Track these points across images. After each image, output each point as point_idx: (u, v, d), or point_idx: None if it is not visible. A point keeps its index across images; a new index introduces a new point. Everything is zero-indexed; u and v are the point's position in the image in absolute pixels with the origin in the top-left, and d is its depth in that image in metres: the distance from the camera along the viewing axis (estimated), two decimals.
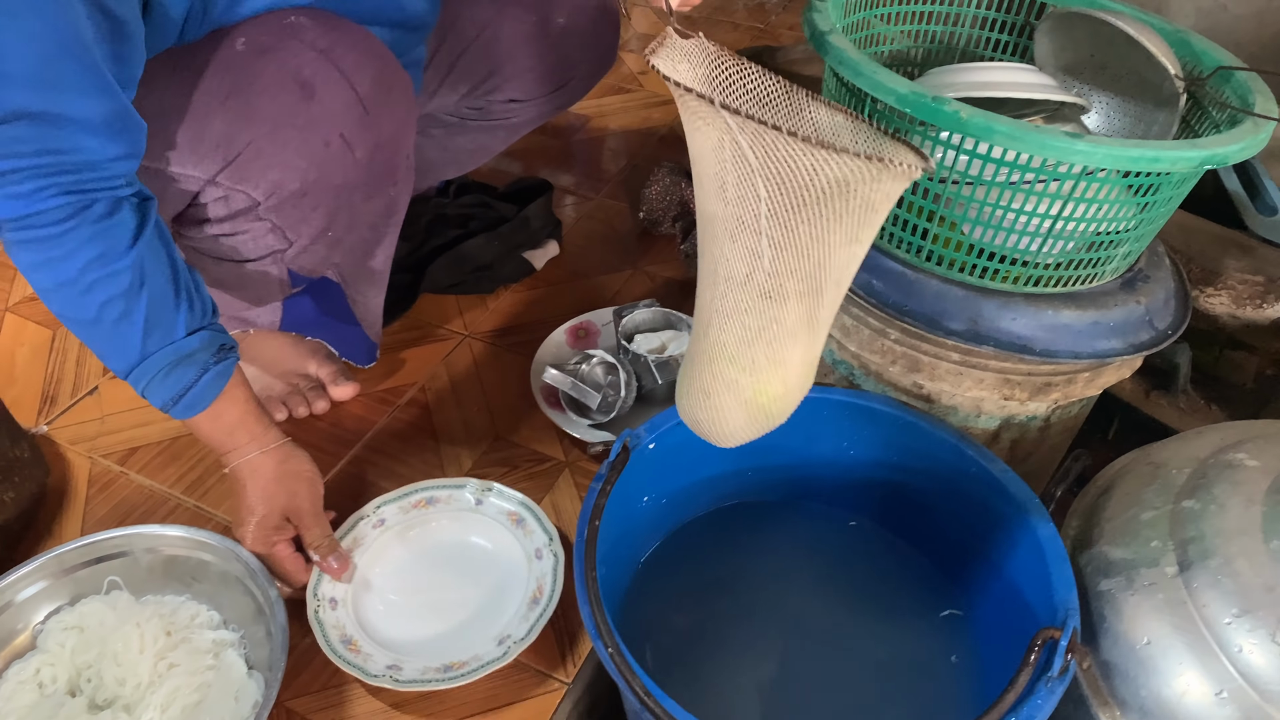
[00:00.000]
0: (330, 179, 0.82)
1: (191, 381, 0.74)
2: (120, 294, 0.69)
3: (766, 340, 0.55)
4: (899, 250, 0.76)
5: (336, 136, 0.80)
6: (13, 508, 0.85)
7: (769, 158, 0.46)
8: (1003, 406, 0.80)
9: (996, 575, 0.72)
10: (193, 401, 0.75)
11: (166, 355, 0.72)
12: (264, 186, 0.80)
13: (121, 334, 0.71)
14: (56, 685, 0.73)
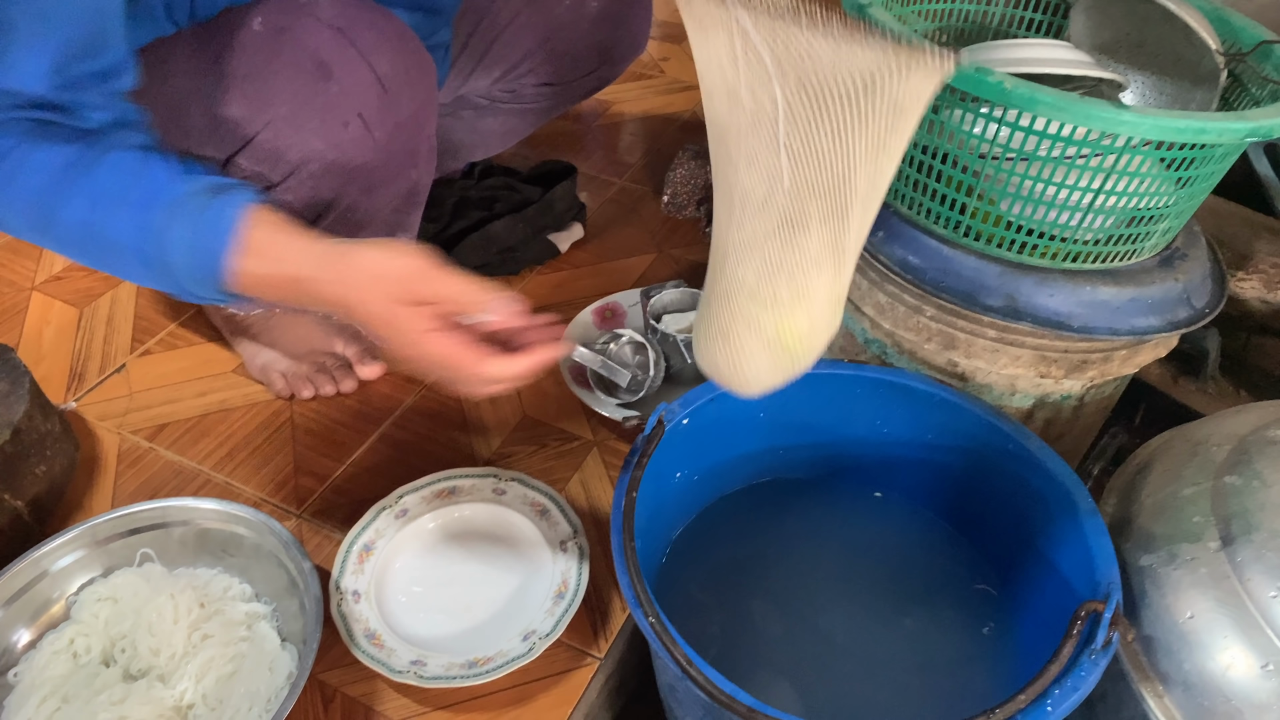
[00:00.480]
0: (349, 160, 0.81)
1: (194, 222, 0.60)
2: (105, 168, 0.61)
3: (789, 271, 0.51)
4: (936, 226, 0.75)
5: (355, 117, 0.79)
6: (44, 481, 0.85)
7: (786, 55, 0.42)
8: (1037, 385, 0.79)
9: (1032, 551, 0.72)
10: (213, 243, 0.60)
11: (160, 209, 0.61)
12: (282, 168, 0.80)
13: (113, 215, 0.61)
14: (90, 655, 0.74)
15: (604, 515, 0.89)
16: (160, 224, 0.61)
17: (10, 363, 0.89)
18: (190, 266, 0.62)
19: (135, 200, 0.62)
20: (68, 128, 0.62)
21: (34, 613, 0.76)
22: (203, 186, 0.62)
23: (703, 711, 0.63)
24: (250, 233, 0.61)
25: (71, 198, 0.61)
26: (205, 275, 0.62)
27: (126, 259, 0.63)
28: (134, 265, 0.63)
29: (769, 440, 0.81)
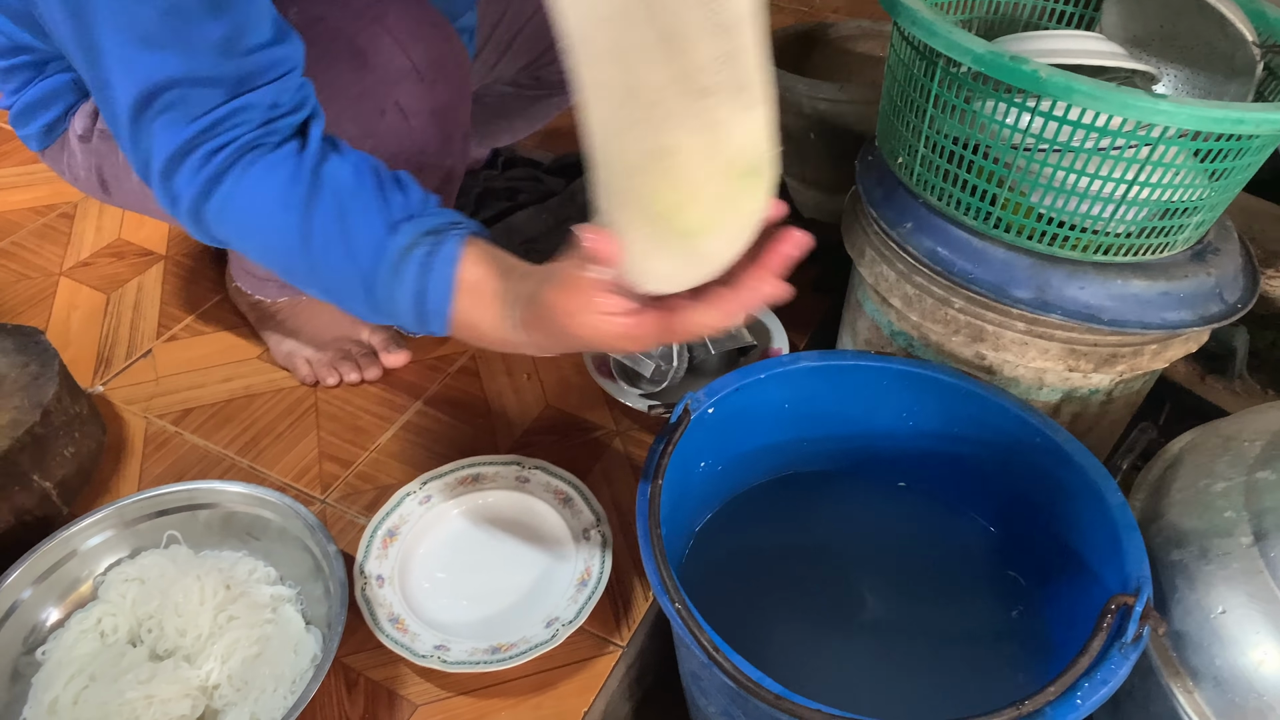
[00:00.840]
0: (386, 149, 0.81)
1: (417, 281, 0.61)
2: (307, 233, 0.62)
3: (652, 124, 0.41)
4: (966, 217, 0.75)
5: (392, 105, 0.79)
6: (72, 463, 0.86)
7: None
8: (1065, 379, 0.79)
9: (1059, 545, 0.71)
10: (436, 303, 0.61)
11: (385, 265, 0.62)
12: None
13: (336, 263, 0.63)
14: (118, 635, 0.74)
15: (626, 505, 0.89)
16: (384, 283, 0.62)
17: (40, 345, 0.90)
18: (415, 321, 0.63)
19: (357, 252, 0.62)
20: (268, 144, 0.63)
21: (63, 592, 0.76)
22: (419, 234, 0.62)
23: (727, 700, 0.63)
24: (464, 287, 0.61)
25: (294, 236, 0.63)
26: (428, 327, 0.63)
27: (353, 305, 0.65)
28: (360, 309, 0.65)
29: (794, 432, 0.81)
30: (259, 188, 0.63)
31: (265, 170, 0.62)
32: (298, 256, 0.64)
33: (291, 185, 0.62)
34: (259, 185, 0.63)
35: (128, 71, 0.59)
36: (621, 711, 0.82)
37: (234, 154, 0.62)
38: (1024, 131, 0.68)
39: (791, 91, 1.05)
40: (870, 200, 0.83)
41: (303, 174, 0.62)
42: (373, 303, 0.63)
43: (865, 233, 0.84)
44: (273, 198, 0.62)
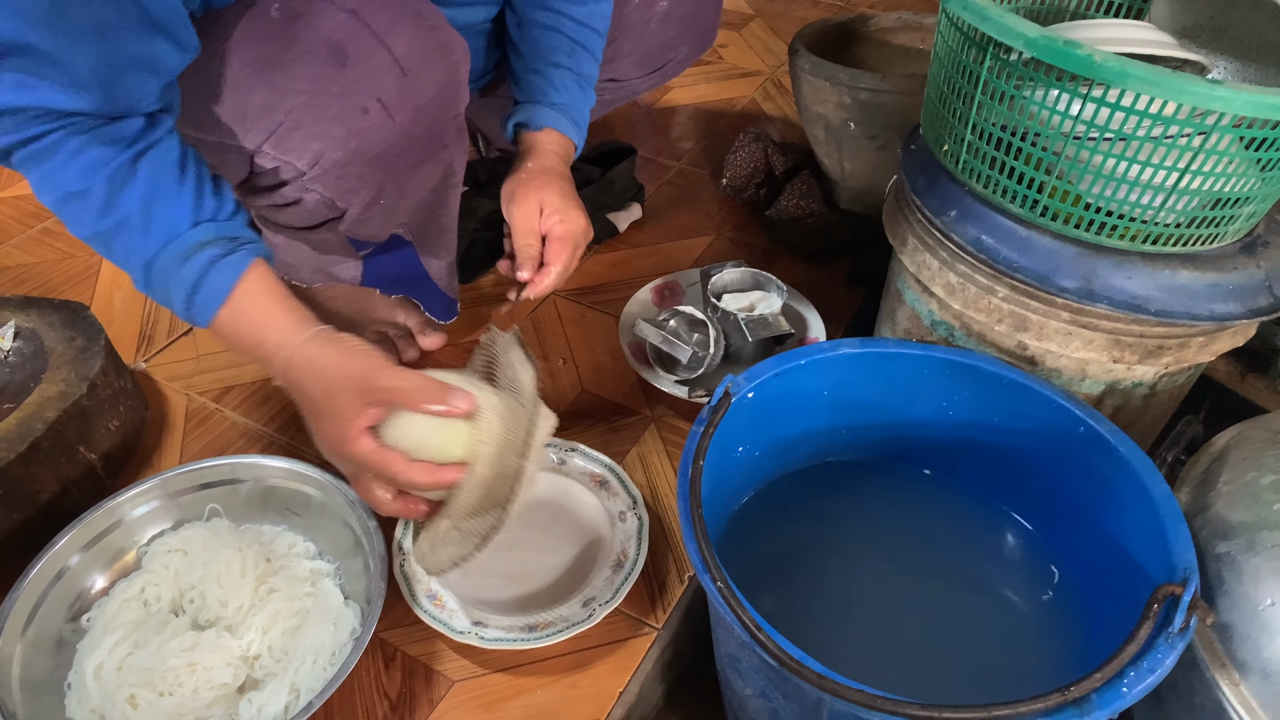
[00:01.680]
0: (371, 147, 0.79)
1: (200, 273, 0.68)
2: (107, 205, 0.66)
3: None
4: (1012, 205, 0.74)
5: (374, 102, 0.77)
6: (117, 436, 0.87)
7: None
8: (1109, 371, 0.78)
9: (1099, 535, 0.71)
10: (208, 296, 0.68)
11: (174, 249, 0.68)
12: (307, 157, 0.79)
13: (124, 242, 0.68)
14: (160, 604, 0.75)
15: (661, 490, 0.89)
16: (164, 267, 0.68)
17: (86, 320, 0.91)
18: (182, 310, 0.70)
19: (153, 232, 0.68)
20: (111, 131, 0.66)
21: (108, 560, 0.78)
22: (218, 236, 0.69)
23: (765, 681, 0.63)
24: (239, 294, 0.69)
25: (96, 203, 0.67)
26: (194, 320, 0.70)
27: (131, 273, 0.71)
28: (137, 283, 0.71)
29: (832, 419, 0.81)
30: (73, 161, 0.65)
31: (84, 147, 0.65)
32: (91, 221, 0.68)
33: (103, 164, 0.66)
34: (73, 159, 0.65)
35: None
36: (654, 695, 0.82)
37: (62, 138, 0.65)
38: (1075, 118, 0.67)
39: (833, 81, 1.05)
40: (914, 188, 0.82)
41: (120, 158, 0.67)
42: (147, 281, 0.69)
43: (908, 221, 0.84)
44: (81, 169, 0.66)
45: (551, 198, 0.89)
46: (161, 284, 0.69)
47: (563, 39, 0.96)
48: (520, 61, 0.97)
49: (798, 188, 1.17)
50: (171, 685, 0.68)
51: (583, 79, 0.99)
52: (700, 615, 0.85)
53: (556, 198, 0.90)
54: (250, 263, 0.70)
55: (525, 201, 0.89)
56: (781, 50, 1.69)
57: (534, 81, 0.95)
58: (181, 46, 0.67)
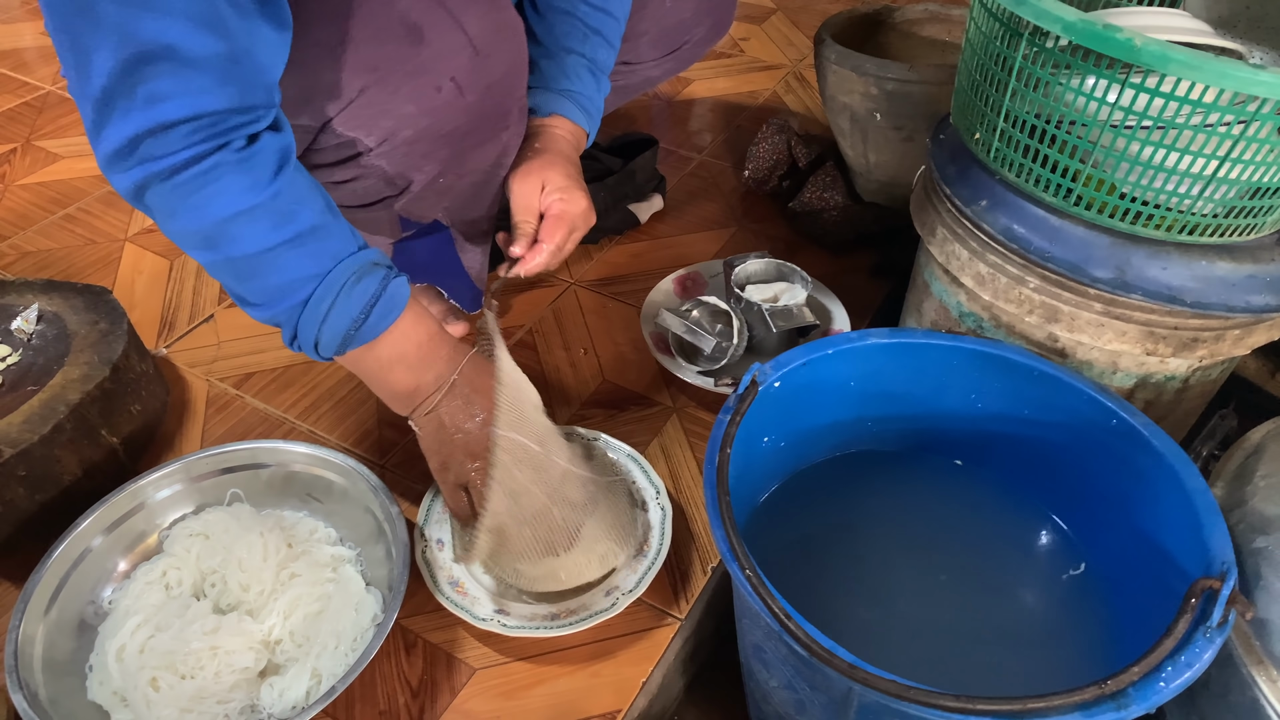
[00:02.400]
0: (441, 125, 0.80)
1: (380, 287, 0.70)
2: (283, 218, 0.66)
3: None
4: (1045, 194, 0.73)
5: (447, 81, 0.78)
6: (139, 420, 0.87)
7: None
8: (1141, 364, 0.77)
9: (1131, 529, 0.70)
10: (387, 306, 0.70)
11: (351, 265, 0.69)
12: (376, 134, 0.79)
13: (298, 255, 0.67)
14: (182, 587, 0.75)
15: (683, 481, 0.88)
16: (337, 284, 0.68)
17: (109, 304, 0.91)
18: (351, 325, 0.69)
19: (329, 248, 0.68)
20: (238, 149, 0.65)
21: (130, 543, 0.77)
22: (380, 258, 0.71)
23: (792, 672, 0.62)
24: (414, 309, 0.73)
25: (260, 223, 0.66)
26: (347, 338, 0.70)
27: (280, 291, 0.68)
28: (276, 295, 0.69)
29: (859, 410, 0.80)
30: (237, 178, 0.64)
31: (237, 162, 0.64)
32: (263, 236, 0.66)
33: (265, 182, 0.65)
34: (231, 173, 0.64)
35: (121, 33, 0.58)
36: (676, 687, 0.82)
37: (223, 156, 0.63)
38: (1112, 105, 0.66)
39: (860, 71, 1.04)
40: (944, 178, 0.81)
41: (270, 172, 0.66)
42: (305, 299, 0.68)
43: (937, 211, 0.83)
44: (244, 185, 0.64)
45: (554, 177, 0.89)
46: (324, 302, 0.68)
47: (578, 24, 0.96)
48: (535, 47, 0.96)
49: (821, 179, 1.16)
50: (193, 668, 0.67)
51: (596, 66, 0.98)
52: (722, 607, 0.85)
53: (560, 178, 0.89)
54: (409, 285, 0.73)
55: (527, 179, 0.89)
56: (803, 44, 1.68)
57: (546, 67, 0.95)
58: (281, 24, 0.65)
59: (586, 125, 0.95)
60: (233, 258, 0.66)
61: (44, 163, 1.34)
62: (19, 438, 0.77)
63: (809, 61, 1.61)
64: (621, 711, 0.71)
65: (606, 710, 0.71)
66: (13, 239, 1.19)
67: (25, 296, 0.92)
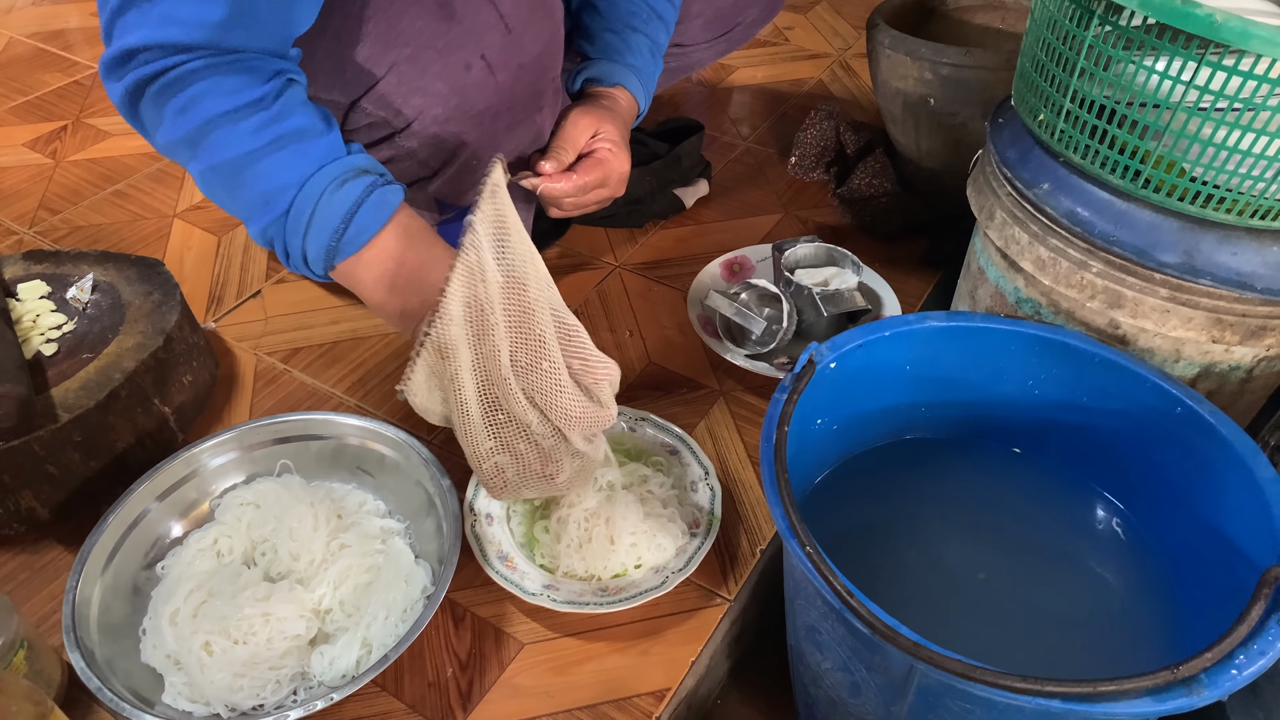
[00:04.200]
0: (472, 104, 0.79)
1: (363, 194, 0.66)
2: (265, 122, 0.64)
3: None
4: (1112, 176, 0.72)
5: (478, 59, 0.77)
6: (189, 391, 0.88)
7: None
8: (1205, 352, 0.75)
9: (1195, 517, 0.68)
10: (369, 217, 0.66)
11: (334, 170, 0.66)
12: (406, 112, 0.79)
13: (278, 161, 0.65)
14: (233, 556, 0.75)
15: (730, 464, 0.88)
16: (319, 190, 0.65)
17: (162, 275, 0.92)
18: (332, 236, 0.66)
19: (311, 151, 0.66)
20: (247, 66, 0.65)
21: (184, 509, 0.78)
22: (373, 166, 0.68)
23: (849, 653, 0.62)
24: (401, 219, 0.68)
25: (241, 124, 0.64)
26: (330, 251, 0.67)
27: (264, 200, 0.67)
28: (261, 205, 0.67)
29: (914, 395, 0.79)
30: (220, 83, 0.64)
31: (223, 65, 0.64)
32: (244, 139, 0.64)
33: (255, 85, 0.64)
34: (220, 80, 0.64)
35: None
36: (721, 669, 0.81)
37: (204, 65, 0.63)
38: (1187, 84, 0.65)
39: (914, 55, 1.02)
40: (1004, 161, 0.80)
41: (264, 85, 0.65)
42: (286, 209, 0.66)
43: (996, 195, 0.81)
44: (230, 89, 0.64)
45: (610, 130, 0.88)
46: (305, 210, 0.66)
47: (642, 5, 0.95)
48: (597, 20, 0.96)
49: (871, 166, 1.15)
50: (246, 634, 0.68)
51: (655, 47, 0.98)
52: (769, 591, 0.84)
53: (614, 132, 0.88)
54: (403, 195, 0.69)
55: (583, 118, 0.87)
56: (849, 33, 1.66)
57: (611, 40, 0.94)
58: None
59: (642, 102, 0.95)
60: (215, 165, 0.65)
61: (94, 140, 1.35)
62: (75, 403, 0.77)
63: (855, 51, 1.60)
64: (671, 690, 0.70)
65: (656, 689, 0.70)
66: (64, 214, 1.20)
67: (80, 267, 0.93)
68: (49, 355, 0.83)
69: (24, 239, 1.16)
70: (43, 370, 0.81)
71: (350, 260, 0.68)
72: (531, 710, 0.69)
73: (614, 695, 0.70)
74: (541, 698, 0.70)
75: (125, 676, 0.66)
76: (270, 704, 0.67)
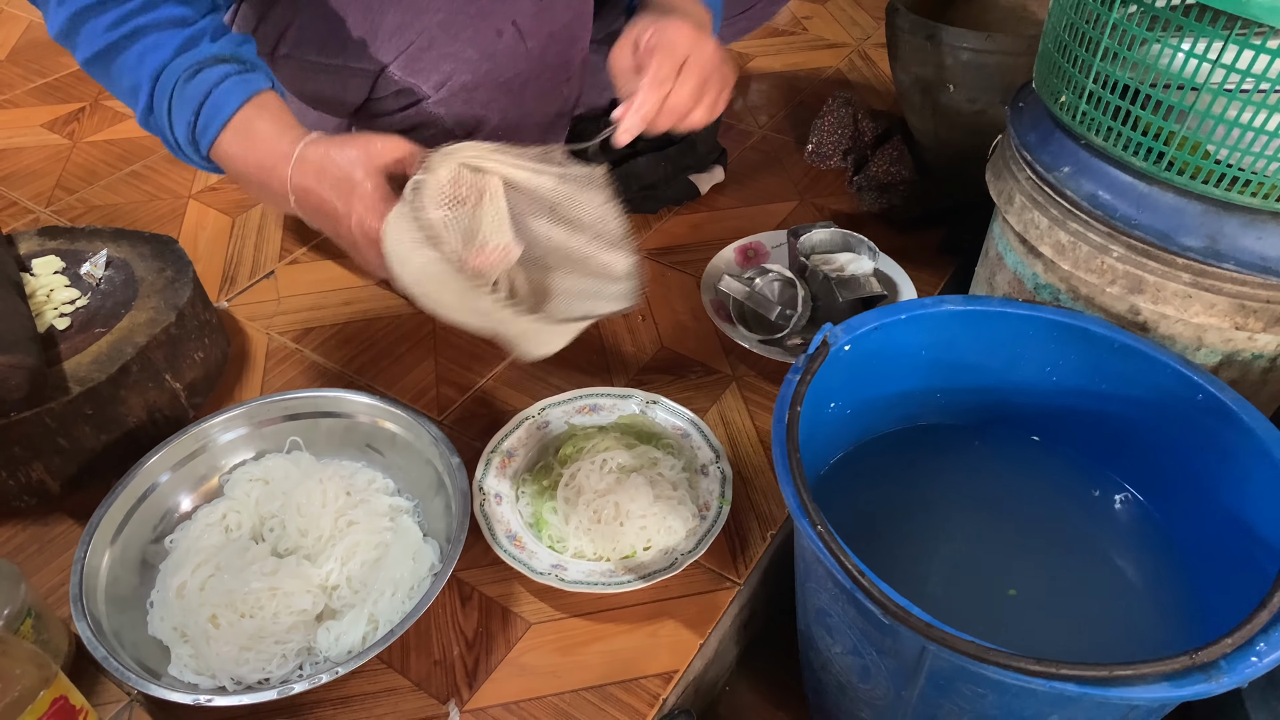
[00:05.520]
0: (502, 71, 0.79)
1: (211, 86, 0.63)
2: (123, 15, 0.63)
3: None
4: (1135, 158, 0.70)
5: (509, 25, 0.77)
6: (201, 368, 0.88)
7: None
8: (1228, 340, 0.74)
9: (1215, 505, 0.67)
10: (217, 107, 0.63)
11: (186, 60, 0.63)
12: (435, 78, 0.79)
13: (134, 54, 0.63)
14: (241, 531, 0.75)
15: (742, 448, 0.87)
16: (174, 78, 0.63)
17: (176, 252, 0.92)
18: (186, 129, 0.65)
19: (165, 40, 0.64)
20: None
21: (194, 483, 0.78)
22: (233, 52, 0.65)
23: (859, 636, 0.61)
24: (244, 114, 0.64)
25: (110, 14, 0.63)
26: (196, 140, 0.65)
27: (134, 92, 0.65)
28: (129, 98, 0.66)
29: (928, 380, 0.78)
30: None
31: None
32: (101, 32, 0.63)
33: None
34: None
35: None
36: (729, 655, 0.80)
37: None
38: (1214, 62, 0.63)
39: (935, 40, 1.01)
40: (1023, 144, 0.79)
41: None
42: (149, 99, 0.64)
43: (1015, 179, 0.80)
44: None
45: (666, 22, 0.70)
46: (162, 99, 0.64)
47: None
48: None
49: (888, 154, 1.14)
50: (253, 608, 0.67)
51: None
52: (778, 577, 0.83)
53: (673, 21, 0.70)
54: (265, 85, 0.65)
55: (619, 41, 0.73)
56: (867, 23, 1.65)
57: None
58: None
59: (715, 18, 0.82)
60: (87, 59, 0.64)
61: (111, 121, 1.35)
62: (87, 376, 0.77)
63: (873, 40, 1.58)
64: (679, 673, 0.70)
65: (663, 670, 0.69)
66: (80, 193, 1.20)
67: (94, 243, 0.93)
68: (62, 329, 0.83)
69: (40, 217, 1.16)
70: (55, 344, 0.81)
71: (219, 148, 0.65)
72: (538, 689, 0.68)
73: (621, 676, 0.69)
74: (548, 677, 0.69)
75: (132, 648, 0.66)
76: (276, 678, 0.66)
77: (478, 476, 0.79)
